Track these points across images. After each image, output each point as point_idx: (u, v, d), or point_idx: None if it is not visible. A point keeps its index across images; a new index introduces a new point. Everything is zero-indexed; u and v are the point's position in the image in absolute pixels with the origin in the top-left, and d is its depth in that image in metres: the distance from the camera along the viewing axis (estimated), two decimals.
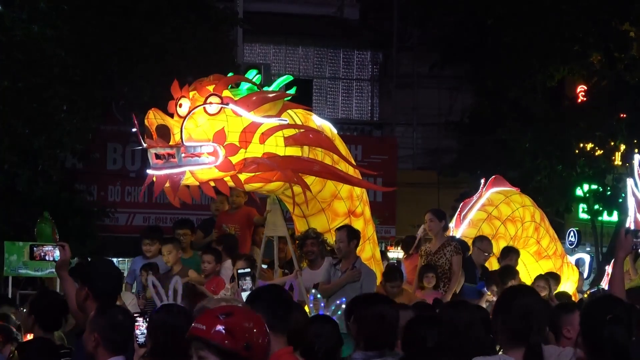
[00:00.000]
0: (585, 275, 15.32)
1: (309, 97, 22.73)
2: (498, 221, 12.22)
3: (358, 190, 10.25)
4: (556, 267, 12.65)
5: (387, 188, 10.31)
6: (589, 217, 21.50)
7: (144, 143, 8.65)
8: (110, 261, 6.35)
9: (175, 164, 8.55)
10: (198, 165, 8.62)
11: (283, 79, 9.45)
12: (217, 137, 8.64)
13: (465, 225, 12.13)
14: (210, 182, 8.80)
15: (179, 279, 5.66)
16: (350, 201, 10.15)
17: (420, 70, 23.91)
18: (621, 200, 18.51)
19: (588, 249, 20.78)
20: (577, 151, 20.64)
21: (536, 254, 12.73)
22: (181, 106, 8.69)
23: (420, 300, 8.93)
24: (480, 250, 11.28)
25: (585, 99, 21.91)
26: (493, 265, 11.49)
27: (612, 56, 20.29)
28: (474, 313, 5.08)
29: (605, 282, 12.44)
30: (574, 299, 11.31)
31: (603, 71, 20.65)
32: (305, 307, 9.15)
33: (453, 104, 24.20)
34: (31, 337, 6.32)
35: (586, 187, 20.99)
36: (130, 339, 5.01)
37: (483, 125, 21.44)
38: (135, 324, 5.14)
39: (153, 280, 5.67)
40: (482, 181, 12.73)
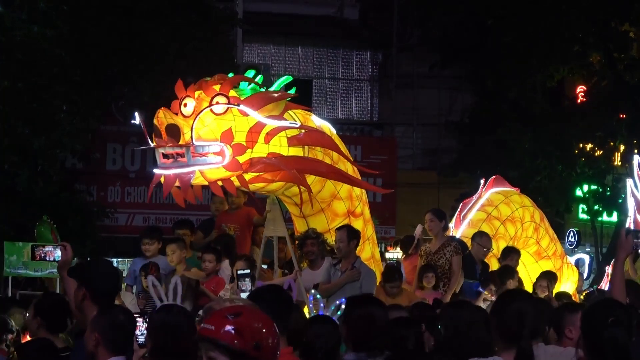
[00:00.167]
0: (585, 275, 15.30)
1: (309, 98, 22.72)
2: (498, 221, 12.21)
3: (357, 190, 10.24)
4: (556, 268, 12.64)
5: (386, 190, 10.36)
6: (589, 218, 21.51)
7: (151, 142, 8.66)
8: (107, 261, 6.33)
9: (184, 164, 8.56)
10: (207, 164, 8.62)
11: (283, 80, 9.44)
12: (225, 137, 8.64)
13: (465, 225, 12.13)
14: (218, 182, 8.80)
15: (179, 279, 5.65)
16: (349, 201, 10.15)
17: (420, 70, 23.90)
18: (621, 200, 18.53)
19: (588, 250, 20.79)
20: (577, 151, 20.64)
21: (536, 255, 12.73)
22: (186, 106, 8.69)
23: (420, 300, 8.94)
24: (479, 245, 11.29)
25: (585, 99, 21.92)
26: (493, 265, 11.49)
27: (612, 56, 20.28)
28: (475, 313, 5.09)
29: (605, 283, 12.42)
30: (574, 299, 11.31)
31: (603, 71, 20.66)
32: (305, 308, 9.16)
33: (453, 104, 24.20)
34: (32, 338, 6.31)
35: (586, 188, 21.00)
36: (131, 340, 5.01)
37: (483, 125, 21.44)
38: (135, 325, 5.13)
39: (153, 280, 5.67)
40: (482, 181, 12.73)
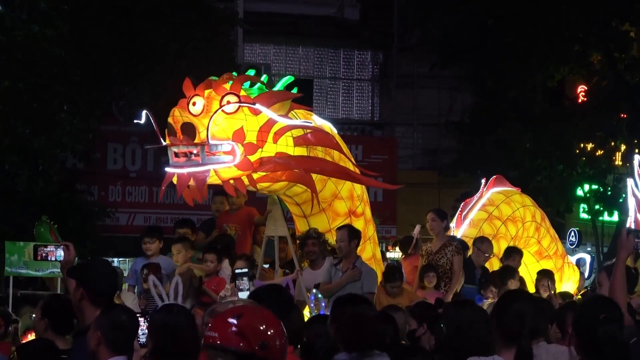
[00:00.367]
0: (586, 275, 15.29)
1: (309, 97, 22.69)
2: (499, 221, 12.20)
3: (359, 190, 10.24)
4: (557, 267, 12.64)
5: (393, 185, 10.51)
6: (590, 217, 21.50)
7: (163, 141, 8.66)
8: (105, 261, 6.30)
9: (198, 163, 8.55)
10: (219, 164, 8.63)
11: (286, 80, 9.45)
12: (237, 136, 8.65)
13: (466, 225, 12.12)
14: (230, 181, 8.80)
15: (179, 279, 5.63)
16: (350, 201, 10.14)
17: (420, 70, 23.88)
18: (622, 200, 18.51)
19: (589, 249, 20.76)
20: (578, 151, 20.64)
21: (537, 254, 12.72)
22: (195, 104, 8.68)
23: (421, 299, 8.93)
24: (480, 251, 11.26)
25: (585, 99, 21.92)
26: (494, 265, 11.48)
27: (612, 56, 20.27)
28: (477, 312, 5.09)
29: (598, 290, 12.39)
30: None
31: (603, 71, 20.66)
32: (306, 307, 9.17)
33: (453, 104, 24.18)
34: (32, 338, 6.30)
35: (587, 187, 20.99)
36: (133, 340, 4.99)
37: (483, 125, 21.43)
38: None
39: (154, 280, 5.65)
40: (483, 181, 12.72)
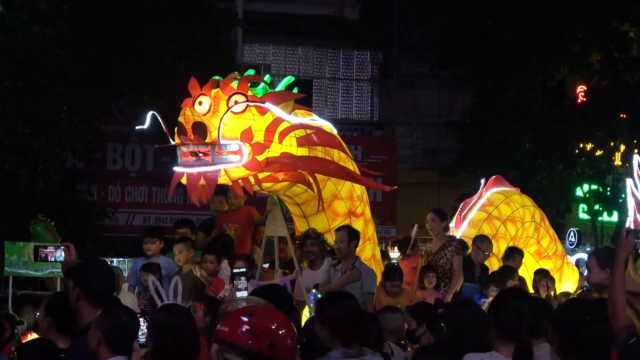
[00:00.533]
0: (585, 275, 15.28)
1: (309, 97, 22.67)
2: (498, 221, 12.21)
3: (358, 190, 10.24)
4: (556, 267, 12.65)
5: (390, 187, 10.55)
6: (589, 217, 21.51)
7: (172, 140, 8.67)
8: (102, 261, 6.31)
9: (207, 162, 8.56)
10: (228, 163, 8.64)
11: (287, 80, 9.46)
12: (245, 136, 8.66)
13: (465, 225, 12.12)
14: (239, 181, 8.81)
15: (179, 279, 5.65)
16: (350, 201, 10.14)
17: (420, 70, 23.87)
18: (621, 200, 18.52)
19: (588, 249, 20.76)
20: (577, 151, 20.63)
21: (536, 254, 12.72)
22: (201, 104, 8.69)
23: (421, 300, 8.93)
24: (479, 249, 11.27)
25: (585, 99, 21.92)
26: (494, 265, 11.49)
27: (612, 56, 20.28)
28: (477, 312, 5.12)
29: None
30: None
31: (603, 71, 20.65)
32: (305, 307, 9.17)
33: (453, 104, 24.18)
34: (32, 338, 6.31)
35: (586, 188, 21.00)
36: (133, 340, 5.00)
37: (483, 125, 21.43)
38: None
39: (153, 280, 5.66)
40: (483, 181, 12.72)
